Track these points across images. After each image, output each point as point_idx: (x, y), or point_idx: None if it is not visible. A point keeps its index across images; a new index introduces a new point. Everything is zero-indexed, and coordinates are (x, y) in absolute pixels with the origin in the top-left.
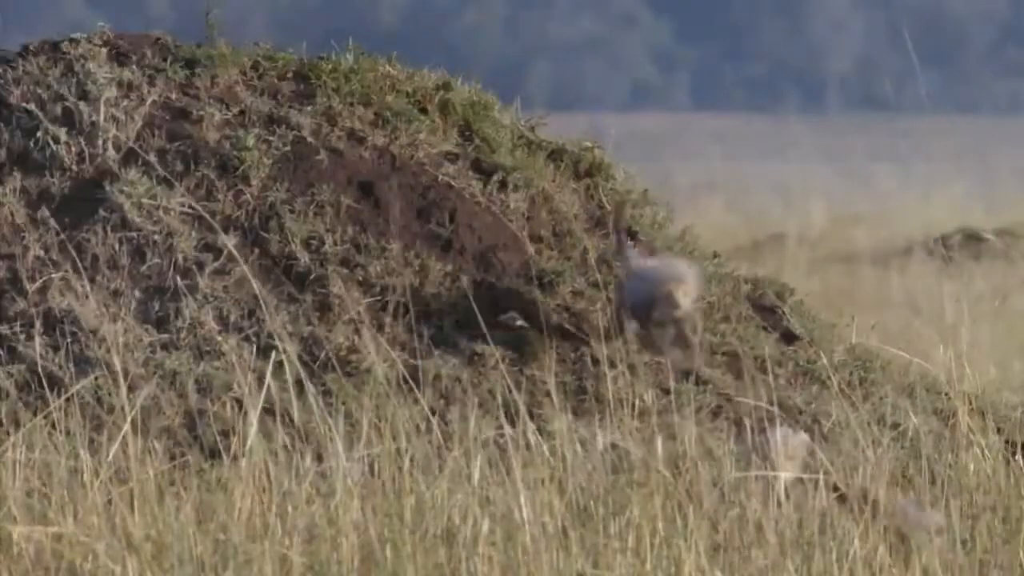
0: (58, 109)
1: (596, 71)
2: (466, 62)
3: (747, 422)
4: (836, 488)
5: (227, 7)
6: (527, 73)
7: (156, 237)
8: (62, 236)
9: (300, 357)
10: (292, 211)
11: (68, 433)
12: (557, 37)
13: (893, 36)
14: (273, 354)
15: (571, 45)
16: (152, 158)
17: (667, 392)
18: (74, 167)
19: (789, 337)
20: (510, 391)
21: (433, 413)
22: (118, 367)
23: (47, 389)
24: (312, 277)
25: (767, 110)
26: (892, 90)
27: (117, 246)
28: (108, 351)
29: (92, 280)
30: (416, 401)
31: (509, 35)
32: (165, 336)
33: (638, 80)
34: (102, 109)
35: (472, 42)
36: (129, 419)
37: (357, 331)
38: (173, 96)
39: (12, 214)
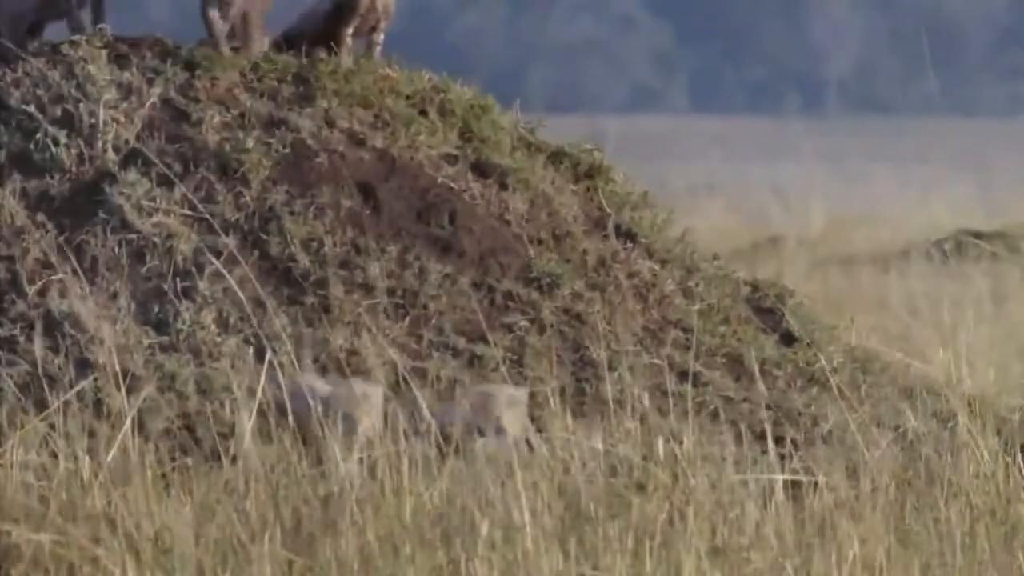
0: (58, 111)
1: (596, 73)
2: (466, 63)
3: None
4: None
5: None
6: (526, 75)
7: (156, 239)
8: (62, 238)
9: (299, 359)
10: (292, 213)
11: (68, 435)
12: (556, 39)
13: (893, 39)
14: (271, 356)
15: (570, 47)
16: (152, 160)
17: (666, 394)
18: (74, 169)
19: (788, 339)
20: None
21: (432, 415)
22: (117, 369)
23: (47, 391)
24: (312, 279)
25: (767, 112)
26: (893, 92)
27: (117, 248)
28: (108, 353)
29: (92, 282)
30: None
31: (508, 37)
32: (165, 338)
33: (637, 82)
34: (102, 111)
35: (472, 43)
36: (128, 421)
37: (357, 333)
38: (173, 98)
39: (12, 216)
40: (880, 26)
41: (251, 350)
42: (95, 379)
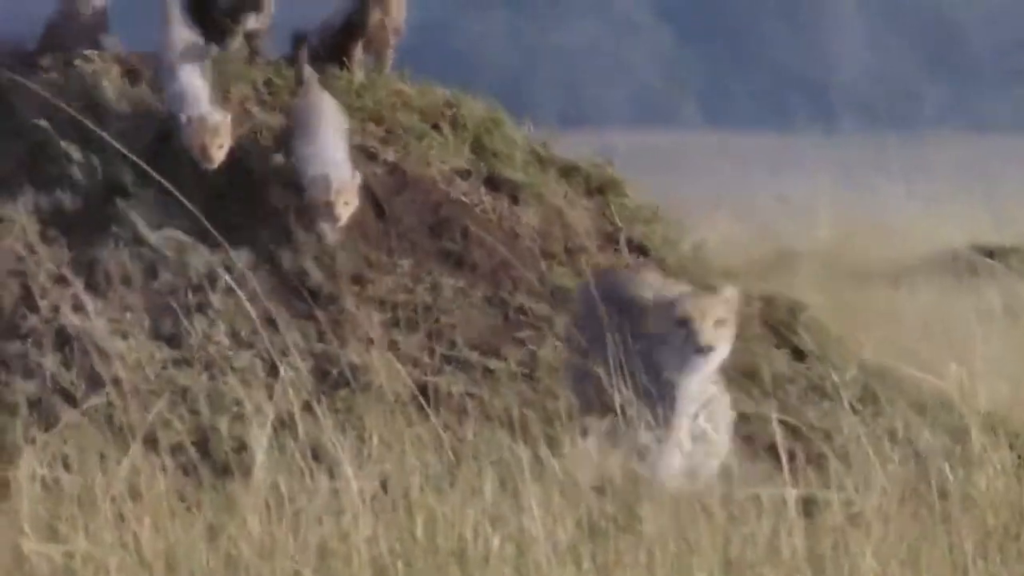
0: (71, 126)
1: (606, 87)
2: (475, 75)
3: None
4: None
5: None
6: (536, 89)
7: (168, 253)
8: (74, 252)
9: (311, 374)
10: (304, 227)
11: (80, 449)
12: (565, 52)
13: (903, 52)
14: (284, 370)
15: (580, 60)
16: (164, 174)
17: None
18: (87, 183)
19: (800, 353)
20: (522, 407)
21: (445, 429)
22: (129, 384)
23: (60, 405)
24: (324, 293)
25: (777, 126)
26: (903, 105)
27: (129, 262)
28: (120, 367)
29: (104, 296)
30: (428, 418)
31: (517, 49)
32: (177, 352)
33: (648, 96)
34: (114, 125)
35: (480, 55)
36: (141, 435)
37: (369, 348)
38: None
39: (24, 230)
40: (891, 40)
41: (264, 365)
42: (108, 394)
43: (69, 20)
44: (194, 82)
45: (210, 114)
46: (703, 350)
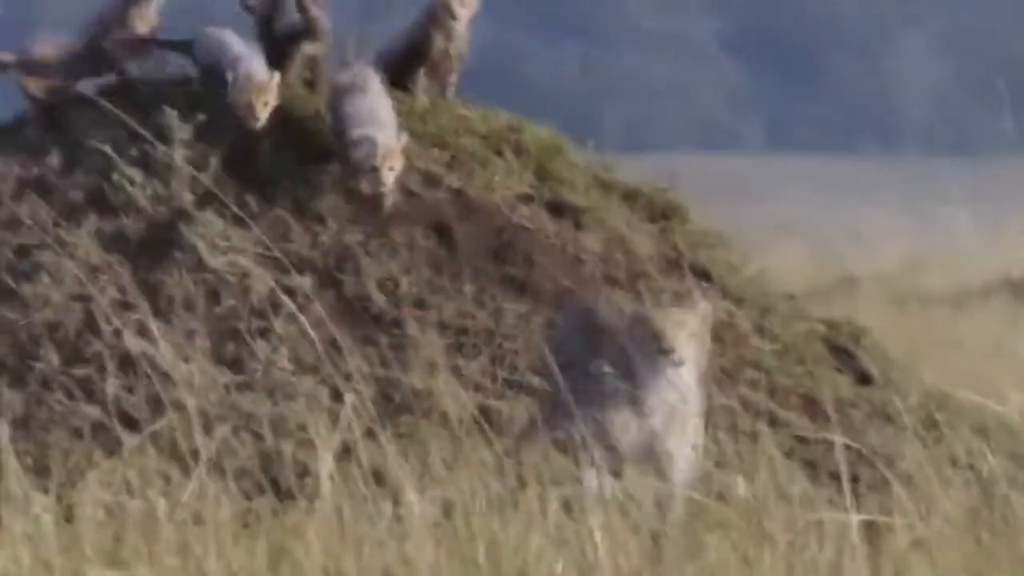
0: (133, 151)
1: (670, 112)
2: (538, 100)
3: None
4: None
5: None
6: (601, 114)
7: (231, 278)
8: (137, 277)
9: (375, 399)
10: (367, 253)
11: (143, 473)
12: (629, 78)
13: (969, 79)
14: (348, 396)
15: (645, 86)
16: (227, 199)
17: (742, 434)
18: (149, 209)
19: (863, 378)
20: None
21: (507, 454)
22: (193, 408)
23: (122, 430)
24: (387, 319)
25: (842, 152)
26: (969, 132)
27: (192, 287)
28: (184, 392)
29: (167, 321)
30: (491, 443)
31: (581, 74)
32: (240, 377)
33: (713, 121)
34: (177, 150)
35: (544, 81)
36: (204, 460)
37: (432, 373)
38: (247, 136)
39: (88, 256)
40: (957, 67)
41: (327, 390)
42: (171, 418)
43: (116, 30)
44: (244, 48)
45: (257, 72)
46: (674, 362)
